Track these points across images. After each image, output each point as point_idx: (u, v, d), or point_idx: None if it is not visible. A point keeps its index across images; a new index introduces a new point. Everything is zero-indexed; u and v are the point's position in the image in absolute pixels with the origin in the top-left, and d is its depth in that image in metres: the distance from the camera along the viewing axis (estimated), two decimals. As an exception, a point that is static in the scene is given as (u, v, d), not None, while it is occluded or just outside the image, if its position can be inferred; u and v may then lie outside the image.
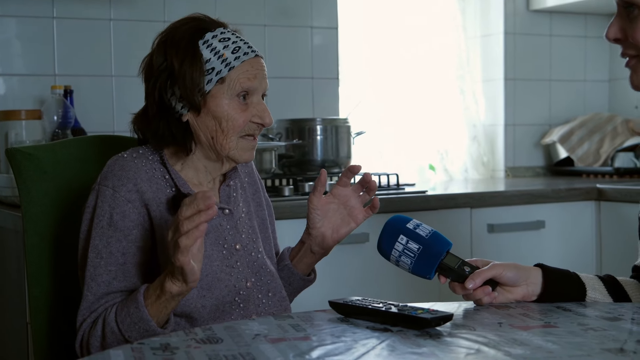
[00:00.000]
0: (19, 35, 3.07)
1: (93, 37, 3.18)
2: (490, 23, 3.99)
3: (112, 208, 1.71)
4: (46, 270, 1.93)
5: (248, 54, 1.76)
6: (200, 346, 1.34)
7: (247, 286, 1.81)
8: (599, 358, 1.24)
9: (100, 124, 3.14)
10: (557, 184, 3.36)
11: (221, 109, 1.74)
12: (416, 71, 3.92)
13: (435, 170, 3.95)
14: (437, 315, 1.43)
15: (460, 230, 2.96)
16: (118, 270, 1.70)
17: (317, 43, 3.57)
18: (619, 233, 3.13)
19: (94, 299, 1.69)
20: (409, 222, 1.64)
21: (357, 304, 1.52)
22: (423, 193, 2.97)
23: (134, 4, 3.21)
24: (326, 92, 3.58)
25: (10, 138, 2.92)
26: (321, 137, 3.20)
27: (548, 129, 4.04)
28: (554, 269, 1.68)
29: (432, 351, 1.30)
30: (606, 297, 1.68)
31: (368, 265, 2.66)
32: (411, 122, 3.92)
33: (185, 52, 1.74)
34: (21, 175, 1.94)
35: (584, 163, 3.83)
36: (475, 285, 1.60)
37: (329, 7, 3.59)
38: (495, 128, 4.00)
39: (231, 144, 1.75)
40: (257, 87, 1.76)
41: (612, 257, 3.13)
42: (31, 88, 3.09)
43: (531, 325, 1.46)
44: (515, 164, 4.00)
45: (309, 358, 1.26)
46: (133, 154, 1.79)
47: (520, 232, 3.08)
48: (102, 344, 1.64)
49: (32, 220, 1.93)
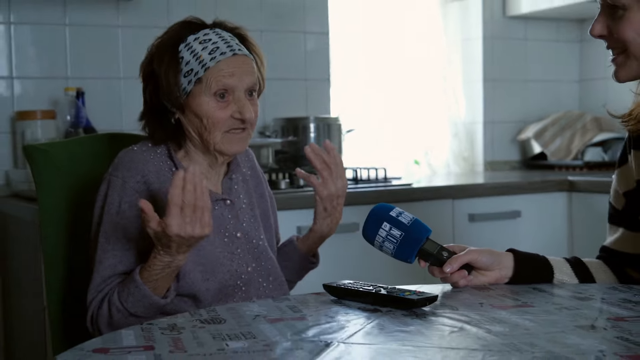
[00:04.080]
0: (34, 41, 3.07)
1: (102, 42, 3.17)
2: (469, 28, 3.99)
3: (120, 197, 1.72)
4: (60, 258, 1.93)
5: (225, 53, 1.73)
6: (205, 326, 1.34)
7: (248, 271, 1.81)
8: (572, 334, 1.24)
9: (109, 123, 3.13)
10: (532, 177, 3.37)
11: (201, 107, 1.73)
12: (402, 73, 3.92)
13: (420, 165, 3.95)
14: (423, 297, 1.43)
15: (443, 219, 2.96)
16: (123, 255, 1.71)
17: (310, 47, 3.57)
18: (588, 221, 3.14)
19: (100, 280, 1.70)
20: (392, 210, 1.65)
21: (349, 287, 1.53)
22: (409, 185, 2.98)
23: (140, 12, 3.21)
24: (318, 92, 3.58)
25: (26, 136, 2.92)
26: (314, 135, 3.20)
27: (523, 126, 4.05)
28: (524, 254, 1.69)
29: (418, 329, 1.30)
30: (573, 278, 1.69)
31: (359, 252, 2.66)
32: (398, 120, 3.92)
33: (165, 56, 1.74)
34: (37, 170, 1.94)
35: (556, 157, 3.84)
36: (452, 269, 1.61)
37: (320, 14, 3.59)
38: (474, 125, 4.01)
39: (216, 139, 1.75)
40: (236, 85, 1.74)
41: (583, 243, 3.14)
42: (46, 90, 3.08)
43: (509, 305, 1.46)
44: (494, 158, 4.00)
45: (305, 336, 1.26)
46: (142, 147, 1.79)
47: (498, 221, 3.09)
48: (110, 322, 1.66)
49: (47, 211, 1.93)
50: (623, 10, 1.51)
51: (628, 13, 1.50)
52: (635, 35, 1.51)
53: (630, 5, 1.50)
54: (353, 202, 2.75)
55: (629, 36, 1.51)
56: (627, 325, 1.29)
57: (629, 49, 1.52)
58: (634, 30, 1.51)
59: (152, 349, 1.20)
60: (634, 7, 1.50)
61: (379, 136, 3.89)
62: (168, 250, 1.57)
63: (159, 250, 1.58)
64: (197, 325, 1.35)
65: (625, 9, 1.50)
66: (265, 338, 1.25)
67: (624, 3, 1.50)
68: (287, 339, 1.24)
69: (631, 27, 1.51)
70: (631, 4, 1.50)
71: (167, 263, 1.60)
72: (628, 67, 1.55)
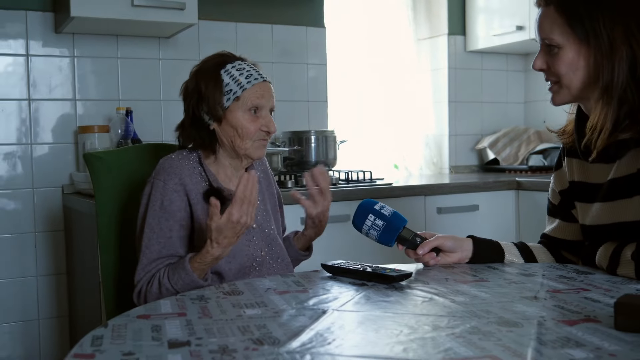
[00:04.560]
0: (92, 70, 3.06)
1: (146, 71, 3.16)
2: (438, 60, 3.98)
3: (162, 196, 1.71)
4: (113, 243, 1.92)
5: (257, 79, 1.75)
6: (227, 297, 1.34)
7: (262, 254, 1.80)
8: (519, 303, 1.23)
9: (152, 135, 3.12)
10: (487, 178, 3.36)
11: (237, 120, 1.73)
12: (385, 95, 3.91)
13: (399, 168, 3.94)
14: (400, 273, 1.43)
15: (417, 212, 2.96)
16: (166, 242, 1.70)
17: (311, 75, 3.56)
18: (532, 214, 3.13)
19: (147, 262, 1.69)
20: (376, 204, 1.65)
21: (342, 266, 1.52)
22: (390, 185, 2.97)
23: (177, 47, 3.20)
24: (318, 111, 3.57)
25: (86, 146, 2.91)
26: (314, 144, 3.19)
27: (480, 137, 4.04)
28: (481, 239, 1.68)
29: (397, 299, 1.30)
30: (519, 258, 1.69)
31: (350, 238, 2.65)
32: (381, 133, 3.91)
33: (210, 78, 1.74)
34: (94, 173, 1.93)
35: (507, 162, 3.83)
36: (424, 251, 1.62)
37: (320, 49, 3.58)
38: (442, 137, 4.00)
39: (246, 145, 1.75)
40: (264, 104, 1.76)
41: (528, 231, 3.14)
42: (102, 109, 3.08)
43: (469, 280, 1.46)
44: (457, 163, 3.99)
45: (306, 305, 1.25)
46: (179, 156, 1.79)
47: (461, 213, 3.08)
48: (158, 298, 1.64)
49: (102, 206, 1.92)
50: (558, 49, 1.50)
51: (562, 51, 1.50)
52: (567, 70, 1.50)
53: (564, 44, 1.49)
54: (345, 198, 2.75)
55: (562, 70, 1.50)
56: (562, 296, 1.29)
57: (562, 81, 1.52)
58: (566, 65, 1.50)
59: (184, 315, 1.20)
60: (567, 46, 1.49)
61: (366, 145, 3.88)
62: (223, 240, 1.57)
63: (212, 244, 1.58)
64: (220, 296, 1.35)
65: (559, 48, 1.50)
66: (274, 306, 1.25)
67: (558, 43, 1.50)
68: (292, 307, 1.23)
69: (564, 63, 1.50)
70: (564, 44, 1.49)
71: (216, 256, 1.60)
72: (561, 94, 1.54)
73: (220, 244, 1.59)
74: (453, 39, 3.94)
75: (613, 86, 1.44)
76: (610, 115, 1.44)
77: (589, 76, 1.48)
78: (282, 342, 1.02)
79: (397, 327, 1.10)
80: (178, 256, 1.71)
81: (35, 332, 2.99)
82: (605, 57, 1.45)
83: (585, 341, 1.00)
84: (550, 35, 1.50)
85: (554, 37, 1.49)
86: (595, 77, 1.47)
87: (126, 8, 2.71)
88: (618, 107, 1.44)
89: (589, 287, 1.36)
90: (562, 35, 1.48)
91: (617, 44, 1.44)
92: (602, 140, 1.46)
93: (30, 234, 2.97)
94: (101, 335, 1.07)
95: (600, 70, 1.45)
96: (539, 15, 1.53)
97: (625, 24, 1.44)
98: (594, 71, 1.47)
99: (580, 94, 1.52)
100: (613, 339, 1.01)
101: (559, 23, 1.48)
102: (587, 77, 1.49)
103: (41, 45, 2.97)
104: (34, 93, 2.96)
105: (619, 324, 1.05)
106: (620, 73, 1.43)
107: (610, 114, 1.44)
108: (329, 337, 1.04)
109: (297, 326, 1.10)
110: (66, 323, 3.04)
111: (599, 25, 1.44)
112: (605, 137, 1.45)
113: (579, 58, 1.48)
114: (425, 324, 1.11)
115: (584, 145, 1.52)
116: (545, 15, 1.51)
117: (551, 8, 1.50)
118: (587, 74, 1.48)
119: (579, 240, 1.67)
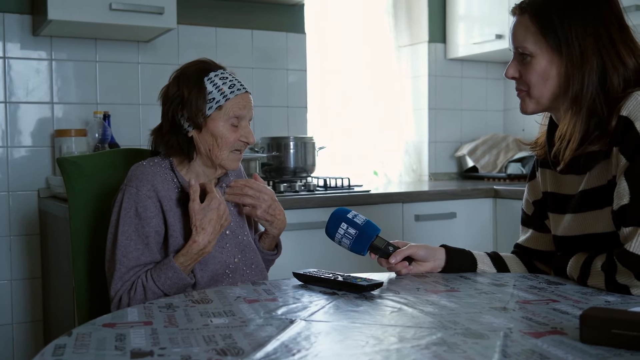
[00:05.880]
0: (70, 73, 3.03)
1: (125, 75, 3.14)
2: (418, 68, 3.99)
3: (136, 203, 1.69)
4: (86, 248, 1.90)
5: (240, 90, 1.76)
6: (195, 305, 1.33)
7: (235, 261, 1.79)
8: (487, 314, 1.23)
9: (130, 139, 3.10)
10: (465, 185, 3.37)
11: (217, 129, 1.73)
12: (365, 102, 3.91)
13: (378, 175, 3.94)
14: (371, 283, 1.42)
15: (395, 219, 2.95)
16: (144, 248, 1.68)
17: (291, 81, 3.55)
18: (509, 222, 3.14)
19: (125, 270, 1.67)
20: (349, 213, 1.64)
21: (313, 274, 1.51)
22: (367, 192, 2.96)
23: (156, 51, 3.18)
24: (297, 117, 3.56)
25: (63, 150, 2.88)
26: (293, 150, 3.18)
27: (459, 145, 4.05)
28: (454, 248, 1.68)
29: (366, 309, 1.29)
30: (492, 268, 1.69)
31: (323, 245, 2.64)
32: (361, 140, 3.91)
33: (194, 85, 1.73)
34: (68, 177, 1.91)
35: (485, 170, 3.84)
36: (396, 260, 1.61)
37: (300, 55, 3.57)
38: (421, 144, 4.00)
39: (223, 155, 1.75)
40: (245, 115, 1.77)
41: (504, 239, 3.14)
42: (79, 113, 3.05)
43: (440, 290, 1.45)
44: (436, 170, 4.00)
45: (275, 314, 1.24)
46: (150, 163, 1.77)
47: (439, 220, 3.08)
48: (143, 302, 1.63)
49: (75, 210, 1.91)
50: (530, 57, 1.51)
51: (534, 60, 1.50)
52: (538, 79, 1.51)
53: (536, 53, 1.50)
54: (322, 205, 2.74)
55: (533, 79, 1.51)
56: (531, 307, 1.29)
57: (531, 91, 1.53)
58: (537, 74, 1.51)
59: (150, 324, 1.18)
60: (539, 55, 1.50)
61: (346, 152, 3.88)
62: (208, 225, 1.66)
63: (197, 231, 1.65)
64: (189, 304, 1.33)
65: (532, 56, 1.50)
66: (242, 315, 1.23)
67: (531, 51, 1.50)
68: (260, 317, 1.22)
69: (535, 72, 1.51)
70: (537, 53, 1.50)
71: (202, 247, 1.65)
72: (529, 102, 1.55)
73: (205, 229, 1.64)
74: (433, 46, 3.95)
75: (582, 96, 1.45)
76: (579, 125, 1.45)
77: (559, 86, 1.49)
78: (246, 352, 1.01)
79: (363, 338, 1.09)
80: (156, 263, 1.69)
81: (9, 336, 2.96)
82: (575, 67, 1.45)
83: (550, 354, 1.00)
84: (523, 44, 1.51)
85: (527, 45, 1.50)
86: (565, 88, 1.48)
87: (104, 12, 2.69)
88: (588, 118, 1.45)
89: (559, 298, 1.36)
90: (535, 44, 1.49)
91: (588, 54, 1.45)
92: (570, 150, 1.46)
93: (5, 237, 2.93)
94: (64, 344, 1.06)
95: (570, 80, 1.46)
96: (514, 24, 1.54)
97: (597, 35, 1.45)
98: (564, 81, 1.48)
99: (549, 104, 1.53)
100: (578, 352, 1.01)
101: (532, 31, 1.49)
102: (557, 87, 1.49)
103: (19, 48, 2.94)
104: (11, 95, 2.93)
105: (584, 336, 1.05)
106: (589, 84, 1.44)
107: (579, 124, 1.45)
108: (293, 347, 1.03)
109: (263, 336, 1.09)
110: (40, 327, 3.00)
111: (571, 35, 1.45)
112: (574, 147, 1.46)
113: (550, 67, 1.48)
114: (392, 335, 1.10)
115: (553, 155, 1.52)
116: (520, 23, 1.52)
117: (525, 17, 1.51)
118: (558, 84, 1.49)
119: (551, 251, 1.67)
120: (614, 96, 1.43)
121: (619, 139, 1.40)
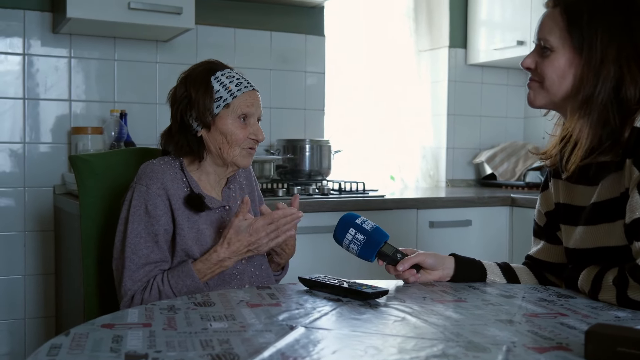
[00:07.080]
0: (88, 72, 3.04)
1: (143, 74, 3.14)
2: (438, 73, 3.95)
3: (146, 200, 1.69)
4: (95, 245, 1.91)
5: (247, 87, 1.76)
6: (197, 308, 1.31)
7: (242, 263, 1.78)
8: (492, 326, 1.20)
9: (146, 139, 3.10)
10: (482, 193, 3.33)
11: (226, 127, 1.73)
12: (383, 106, 3.89)
13: (395, 180, 3.91)
14: (377, 290, 1.40)
15: (408, 225, 2.92)
16: (154, 246, 1.69)
17: (309, 83, 3.54)
18: (526, 231, 3.08)
19: (135, 268, 1.67)
20: (358, 219, 1.62)
21: (319, 280, 1.49)
22: (381, 197, 2.94)
23: (174, 51, 3.18)
24: (314, 120, 3.55)
25: (79, 147, 2.89)
26: (309, 153, 3.17)
27: (478, 152, 4.01)
28: (463, 257, 1.65)
29: (369, 318, 1.27)
30: (502, 279, 1.66)
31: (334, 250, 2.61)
32: (378, 144, 3.89)
33: (200, 85, 1.73)
34: (79, 175, 1.92)
35: (504, 178, 3.80)
36: (404, 268, 1.58)
37: (318, 57, 3.56)
38: (439, 150, 3.97)
39: (235, 152, 1.75)
40: (253, 112, 1.77)
41: (520, 248, 3.10)
42: (96, 111, 3.06)
43: (447, 300, 1.43)
44: (454, 177, 3.96)
45: (275, 320, 1.22)
46: (160, 162, 1.77)
47: (453, 228, 3.04)
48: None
49: (86, 208, 1.91)
50: (551, 52, 1.48)
51: (554, 55, 1.47)
52: (553, 74, 1.48)
53: (557, 49, 1.47)
54: (335, 209, 2.71)
55: (549, 73, 1.48)
56: (538, 320, 1.26)
57: (545, 83, 1.50)
58: (554, 70, 1.48)
59: (149, 326, 1.17)
60: (560, 51, 1.47)
61: (363, 156, 3.86)
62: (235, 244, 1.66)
63: (223, 243, 1.66)
64: (191, 307, 1.32)
65: (552, 51, 1.48)
66: (243, 320, 1.22)
67: (553, 45, 1.47)
68: (260, 322, 1.21)
69: (553, 67, 1.48)
70: (558, 48, 1.47)
71: (221, 259, 1.66)
72: (541, 95, 1.52)
73: (230, 246, 1.65)
74: (454, 51, 3.91)
75: (592, 100, 1.42)
76: (586, 130, 1.43)
77: (573, 87, 1.46)
78: (241, 358, 0.99)
79: (362, 347, 1.07)
80: (167, 261, 1.69)
81: (22, 331, 2.97)
82: (592, 70, 1.43)
83: (553, 370, 0.97)
84: (547, 36, 1.48)
85: (550, 38, 1.48)
86: (577, 89, 1.45)
87: (122, 11, 2.69)
88: (598, 126, 1.42)
89: (568, 312, 1.33)
90: (559, 39, 1.47)
91: (608, 62, 1.42)
92: (576, 156, 1.44)
93: (20, 232, 2.95)
94: (60, 345, 1.05)
95: (584, 83, 1.43)
96: (544, 15, 1.52)
97: (621, 45, 1.42)
98: (578, 82, 1.45)
99: (560, 102, 1.50)
100: (581, 369, 0.98)
101: (560, 26, 1.47)
102: (571, 87, 1.47)
103: (39, 45, 2.96)
104: (30, 92, 2.95)
105: (588, 353, 1.02)
106: (602, 90, 1.41)
107: (586, 129, 1.43)
108: (290, 355, 1.01)
109: (261, 342, 1.07)
110: (52, 323, 3.01)
111: (596, 38, 1.43)
112: (580, 154, 1.43)
113: (569, 67, 1.46)
114: (392, 346, 1.08)
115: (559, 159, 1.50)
116: (549, 15, 1.50)
117: (557, 10, 1.49)
118: (572, 85, 1.46)
119: (563, 263, 1.64)
120: (628, 107, 1.40)
121: (633, 151, 1.37)
